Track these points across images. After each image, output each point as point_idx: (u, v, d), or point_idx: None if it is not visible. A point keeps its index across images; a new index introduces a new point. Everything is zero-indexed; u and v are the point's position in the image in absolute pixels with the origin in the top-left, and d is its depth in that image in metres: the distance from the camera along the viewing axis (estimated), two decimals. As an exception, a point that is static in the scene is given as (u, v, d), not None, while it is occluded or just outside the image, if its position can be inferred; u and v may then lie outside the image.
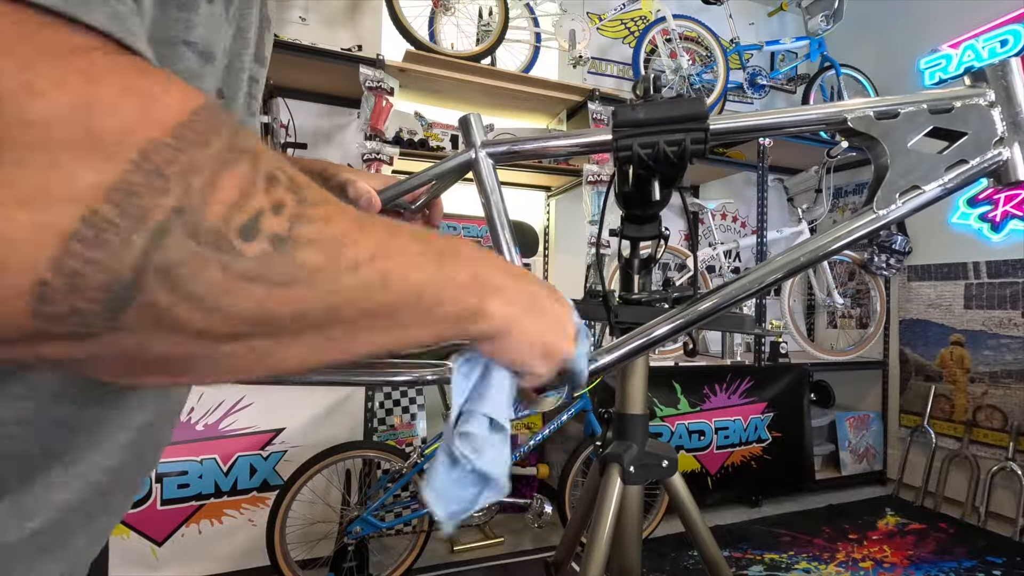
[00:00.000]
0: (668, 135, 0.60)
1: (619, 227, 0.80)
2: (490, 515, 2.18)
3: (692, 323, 0.59)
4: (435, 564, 2.21)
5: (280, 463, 2.08)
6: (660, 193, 0.66)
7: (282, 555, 1.89)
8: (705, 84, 3.22)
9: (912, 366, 3.27)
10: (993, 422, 2.85)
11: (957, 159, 0.59)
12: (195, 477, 1.97)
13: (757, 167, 3.12)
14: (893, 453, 3.37)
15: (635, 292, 0.82)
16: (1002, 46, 2.89)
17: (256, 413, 2.06)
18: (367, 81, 2.32)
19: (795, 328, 3.06)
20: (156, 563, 1.91)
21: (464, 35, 2.76)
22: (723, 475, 2.83)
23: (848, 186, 3.82)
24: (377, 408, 2.33)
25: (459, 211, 2.74)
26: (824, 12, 3.31)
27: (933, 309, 3.17)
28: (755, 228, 3.19)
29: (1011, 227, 2.82)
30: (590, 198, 2.69)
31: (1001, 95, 0.60)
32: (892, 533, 2.65)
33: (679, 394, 2.76)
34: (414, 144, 2.59)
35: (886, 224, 0.58)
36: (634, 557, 0.85)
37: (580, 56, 2.89)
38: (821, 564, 2.32)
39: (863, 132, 0.60)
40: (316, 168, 0.67)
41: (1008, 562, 2.36)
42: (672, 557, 2.32)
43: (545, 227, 3.30)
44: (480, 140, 0.66)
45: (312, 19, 2.73)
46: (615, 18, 3.35)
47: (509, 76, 2.68)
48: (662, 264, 3.44)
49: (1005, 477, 2.71)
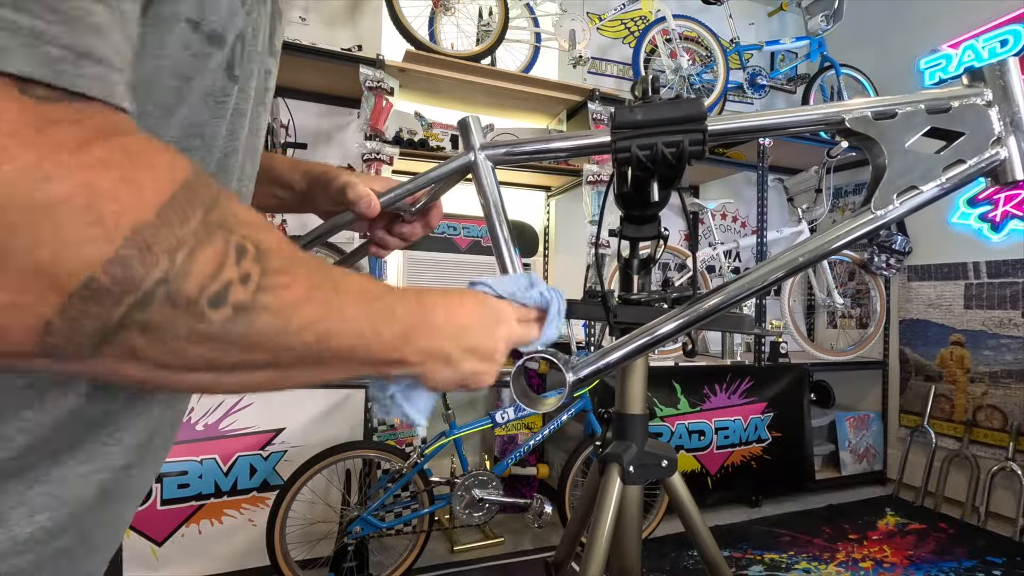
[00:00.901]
0: (666, 136, 0.60)
1: (618, 227, 0.80)
2: (490, 515, 2.18)
3: (692, 323, 0.59)
4: (435, 564, 2.21)
5: (280, 463, 2.09)
6: (659, 194, 0.66)
7: (282, 555, 1.89)
8: (705, 84, 3.22)
9: (912, 366, 3.28)
10: (993, 422, 2.85)
11: (955, 159, 0.59)
12: (195, 477, 1.97)
13: (757, 167, 3.12)
14: (893, 453, 3.37)
15: (634, 292, 0.82)
16: (1002, 46, 2.89)
17: (256, 413, 2.06)
18: (367, 81, 2.33)
19: (795, 328, 3.06)
20: (156, 563, 1.91)
21: (464, 35, 2.76)
22: (723, 475, 2.83)
23: (848, 186, 3.82)
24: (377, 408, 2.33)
25: (459, 211, 2.74)
26: (824, 12, 3.32)
27: (933, 309, 3.17)
28: (755, 228, 3.19)
29: (1011, 227, 2.82)
30: (590, 198, 2.69)
31: (999, 94, 0.60)
32: (892, 533, 2.65)
33: (679, 394, 2.76)
34: (414, 144, 2.59)
35: (884, 224, 0.58)
36: (634, 557, 0.85)
37: (580, 56, 2.89)
38: (821, 564, 2.33)
39: (861, 132, 0.60)
40: (317, 171, 0.67)
41: (1008, 562, 2.36)
42: (672, 557, 2.32)
43: (545, 227, 3.30)
44: (479, 142, 0.66)
45: (312, 19, 2.73)
46: (615, 18, 3.35)
47: (509, 76, 2.68)
48: (662, 264, 3.45)
49: (1005, 477, 2.71)
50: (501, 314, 0.47)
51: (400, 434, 2.42)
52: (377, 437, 2.31)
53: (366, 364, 0.37)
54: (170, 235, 0.26)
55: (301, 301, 0.31)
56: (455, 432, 2.13)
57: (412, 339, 0.39)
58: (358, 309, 0.35)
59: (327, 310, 0.33)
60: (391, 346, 0.38)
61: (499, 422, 2.24)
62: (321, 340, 0.33)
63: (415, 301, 0.41)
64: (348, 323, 0.35)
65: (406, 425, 2.41)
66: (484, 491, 2.16)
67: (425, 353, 0.41)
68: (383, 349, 0.37)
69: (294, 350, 0.32)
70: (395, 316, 0.38)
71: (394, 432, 2.42)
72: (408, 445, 2.29)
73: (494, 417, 2.23)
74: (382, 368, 0.39)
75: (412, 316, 0.40)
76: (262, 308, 0.29)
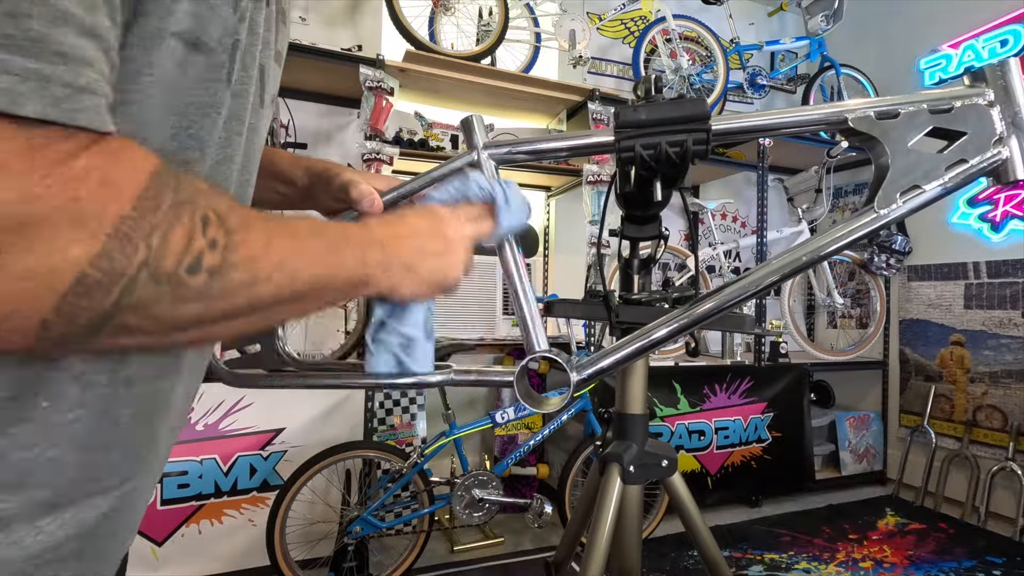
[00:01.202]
0: (670, 136, 0.60)
1: (619, 227, 0.80)
2: (490, 515, 2.18)
3: (693, 323, 0.59)
4: (435, 564, 2.21)
5: (280, 463, 2.08)
6: (661, 193, 0.66)
7: (282, 555, 1.89)
8: (705, 84, 3.22)
9: (912, 366, 3.28)
10: (993, 422, 2.85)
11: (957, 158, 0.59)
12: (195, 477, 1.97)
13: (757, 167, 3.12)
14: (893, 453, 3.37)
15: (635, 292, 0.82)
16: (1002, 46, 2.89)
17: (256, 413, 2.06)
18: (367, 81, 2.33)
19: (795, 328, 3.06)
20: (156, 563, 1.91)
21: (464, 35, 2.76)
22: (723, 475, 2.83)
23: (848, 186, 3.82)
24: (377, 408, 2.33)
25: (459, 211, 2.74)
26: (824, 12, 3.31)
27: (933, 309, 3.17)
28: (755, 228, 3.19)
29: (1011, 227, 2.82)
30: (590, 198, 2.69)
31: (1000, 94, 0.60)
32: (892, 533, 2.65)
33: (679, 394, 2.76)
34: (414, 144, 2.59)
35: (887, 223, 0.58)
36: (634, 557, 0.85)
37: (580, 56, 2.89)
38: (821, 564, 2.33)
39: (864, 132, 0.60)
40: (318, 168, 0.66)
41: (1008, 562, 2.36)
42: (672, 557, 2.32)
43: (545, 227, 3.30)
44: (482, 142, 0.66)
45: (312, 19, 2.73)
46: (615, 18, 3.35)
47: (509, 76, 2.68)
48: (662, 264, 3.45)
49: (1005, 477, 2.71)
50: (445, 214, 0.52)
51: (400, 434, 2.42)
52: (377, 437, 2.31)
53: (338, 290, 0.41)
54: (145, 222, 0.29)
55: (264, 249, 0.35)
56: (455, 432, 2.13)
57: (368, 258, 0.43)
58: (316, 243, 0.40)
59: (289, 252, 0.37)
60: (352, 268, 0.42)
61: (499, 422, 2.24)
62: (292, 278, 0.37)
63: (363, 227, 0.46)
64: (310, 258, 0.38)
65: (406, 425, 2.40)
66: (484, 491, 2.16)
67: (383, 266, 0.44)
68: (348, 273, 0.42)
69: (270, 292, 0.36)
70: (348, 241, 0.43)
71: (394, 432, 2.42)
72: (408, 445, 2.29)
73: (494, 417, 2.23)
74: (353, 290, 0.43)
75: (363, 238, 0.44)
76: (232, 265, 0.33)
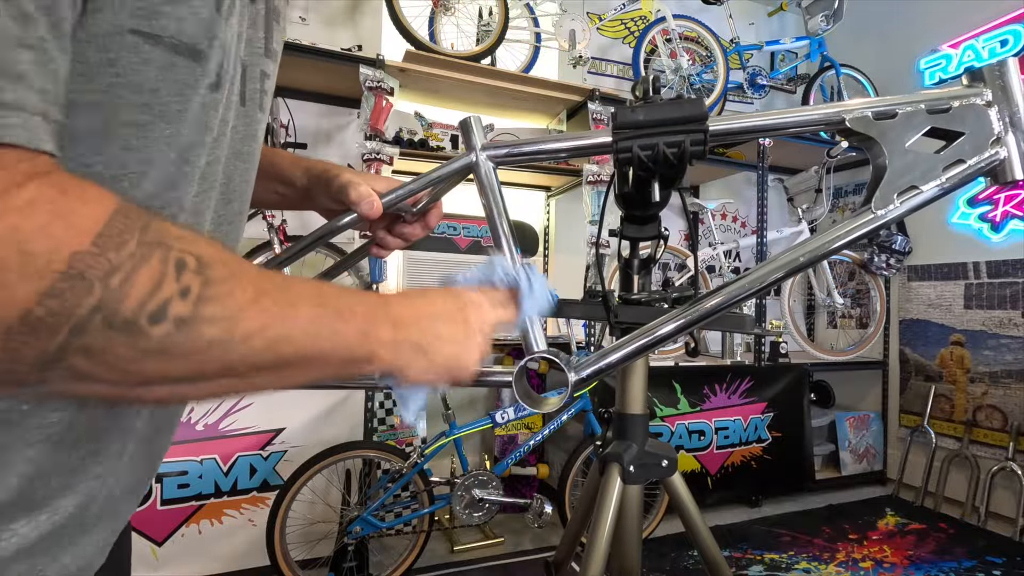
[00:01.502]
0: (668, 137, 0.60)
1: (619, 227, 0.80)
2: (490, 515, 2.18)
3: (693, 323, 0.59)
4: (435, 564, 2.21)
5: (280, 463, 2.09)
6: (660, 194, 0.66)
7: (282, 555, 1.89)
8: (705, 84, 3.22)
9: (912, 366, 3.28)
10: (993, 422, 2.85)
11: (955, 159, 0.59)
12: (195, 477, 1.97)
13: (757, 167, 3.12)
14: (893, 453, 3.37)
15: (635, 292, 0.82)
16: (1002, 46, 2.89)
17: (256, 413, 2.06)
18: (367, 81, 2.33)
19: (795, 328, 3.06)
20: (156, 563, 1.91)
21: (464, 35, 2.76)
22: (723, 475, 2.83)
23: (848, 186, 3.82)
24: (377, 408, 2.33)
25: (460, 211, 2.74)
26: (824, 12, 3.31)
27: (933, 309, 3.17)
28: (755, 228, 3.19)
29: (1011, 227, 2.82)
30: (590, 198, 2.69)
31: (998, 94, 0.60)
32: (892, 533, 2.65)
33: (679, 394, 2.76)
34: (414, 144, 2.59)
35: (885, 224, 0.59)
36: (634, 557, 0.85)
37: (580, 56, 2.89)
38: (821, 564, 2.33)
39: (861, 132, 0.60)
40: (318, 169, 0.67)
41: (1008, 562, 2.36)
42: (672, 557, 2.32)
43: (545, 227, 3.30)
44: (480, 143, 0.66)
45: (312, 19, 2.73)
46: (615, 18, 3.35)
47: (509, 76, 2.68)
48: (662, 264, 3.45)
49: (1005, 477, 2.71)
50: (469, 298, 0.47)
51: (400, 434, 2.42)
52: (377, 437, 2.31)
53: (331, 365, 0.37)
54: (104, 261, 0.27)
55: (245, 309, 0.31)
56: (455, 432, 2.13)
57: (375, 333, 0.39)
58: (312, 311, 0.35)
59: (275, 316, 0.33)
60: (354, 343, 0.37)
61: (499, 422, 2.24)
62: (272, 346, 0.33)
63: (377, 299, 0.41)
64: (300, 326, 0.34)
65: (406, 425, 2.41)
66: (484, 491, 2.16)
67: (393, 345, 0.40)
68: (346, 347, 0.37)
69: (244, 357, 0.32)
70: (354, 313, 0.38)
71: (394, 432, 2.42)
72: (408, 445, 2.29)
73: (494, 417, 2.23)
74: (352, 367, 0.38)
75: (374, 312, 0.39)
76: (203, 320, 0.30)
